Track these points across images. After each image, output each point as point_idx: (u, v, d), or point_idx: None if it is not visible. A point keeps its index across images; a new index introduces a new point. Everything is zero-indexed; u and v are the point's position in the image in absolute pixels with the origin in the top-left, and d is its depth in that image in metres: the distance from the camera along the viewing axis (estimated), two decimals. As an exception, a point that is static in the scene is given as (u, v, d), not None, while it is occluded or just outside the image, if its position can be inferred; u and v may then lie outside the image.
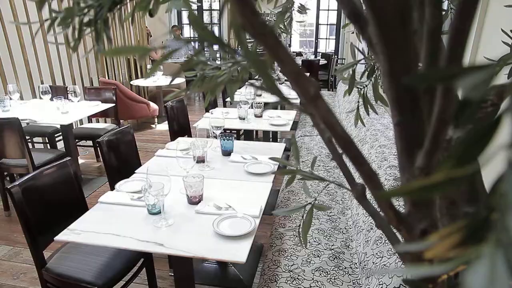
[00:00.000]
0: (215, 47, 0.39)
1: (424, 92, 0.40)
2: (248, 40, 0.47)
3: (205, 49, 0.46)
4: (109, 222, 1.65)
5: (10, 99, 3.67)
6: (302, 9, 1.28)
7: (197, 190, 1.73)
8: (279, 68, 0.39)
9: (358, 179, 0.53)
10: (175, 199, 1.78)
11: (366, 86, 0.91)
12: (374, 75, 0.90)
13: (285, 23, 1.17)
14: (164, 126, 5.98)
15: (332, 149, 0.63)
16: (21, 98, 4.11)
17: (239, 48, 0.44)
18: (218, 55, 0.50)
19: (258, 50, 0.51)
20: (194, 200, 1.75)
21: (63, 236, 1.56)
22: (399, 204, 1.48)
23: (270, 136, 3.92)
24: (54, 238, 1.56)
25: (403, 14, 0.38)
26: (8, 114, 3.35)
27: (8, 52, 4.15)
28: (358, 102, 0.97)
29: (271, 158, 0.75)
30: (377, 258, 1.53)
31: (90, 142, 4.47)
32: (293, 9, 1.27)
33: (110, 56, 6.27)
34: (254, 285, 2.42)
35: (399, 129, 0.45)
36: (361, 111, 1.00)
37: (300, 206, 0.76)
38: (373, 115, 3.10)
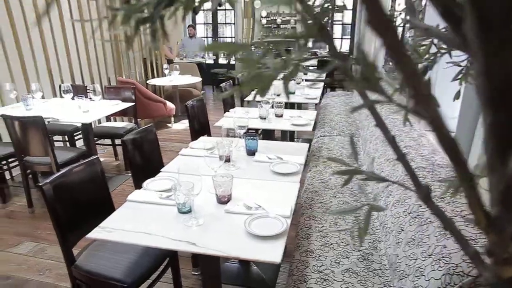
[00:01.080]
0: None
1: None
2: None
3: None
4: (139, 221, 1.65)
5: (33, 98, 3.71)
6: (340, 8, 1.27)
7: (226, 190, 1.73)
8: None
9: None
10: (204, 198, 1.78)
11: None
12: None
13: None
14: (180, 125, 6.01)
15: (396, 149, 0.62)
16: (43, 97, 4.16)
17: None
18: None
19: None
20: (223, 200, 1.75)
21: (95, 233, 1.56)
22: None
23: (288, 136, 3.91)
24: (87, 236, 1.57)
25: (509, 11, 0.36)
26: (31, 112, 3.39)
27: (30, 52, 4.21)
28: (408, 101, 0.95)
29: (329, 159, 0.74)
30: (410, 260, 1.51)
31: (108, 141, 4.51)
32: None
33: (208, 51, 6.33)
34: (277, 285, 2.41)
35: (491, 129, 0.44)
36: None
37: (356, 207, 0.75)
38: (395, 115, 3.07)
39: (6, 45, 3.89)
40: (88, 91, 4.41)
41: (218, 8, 9.82)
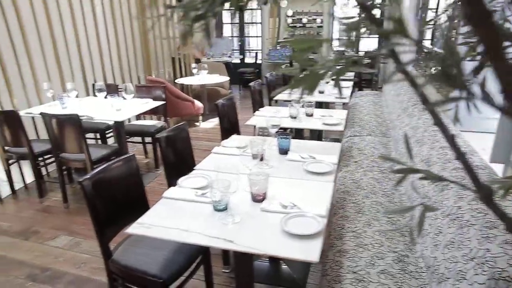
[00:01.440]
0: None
1: None
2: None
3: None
4: (175, 217, 1.68)
5: (68, 96, 3.82)
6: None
7: (262, 188, 1.74)
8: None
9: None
10: (239, 196, 1.79)
11: (472, 83, 0.87)
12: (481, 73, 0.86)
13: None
14: (208, 124, 6.07)
15: (455, 148, 0.61)
16: (77, 96, 4.27)
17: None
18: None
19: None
20: (258, 198, 1.75)
21: (134, 229, 1.60)
22: None
23: (316, 135, 3.89)
24: (126, 231, 1.61)
25: None
26: (66, 111, 3.50)
27: (66, 52, 4.33)
28: (458, 101, 0.93)
29: (381, 157, 0.73)
30: (450, 263, 1.48)
31: (138, 139, 4.59)
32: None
33: (291, 46, 6.39)
34: (308, 285, 2.40)
35: None
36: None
37: (411, 206, 0.74)
38: (428, 115, 3.01)
39: (44, 46, 4.02)
40: (120, 90, 4.51)
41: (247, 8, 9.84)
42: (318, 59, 0.59)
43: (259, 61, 9.35)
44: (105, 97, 3.85)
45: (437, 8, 4.66)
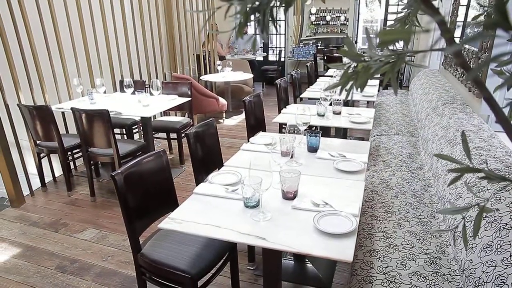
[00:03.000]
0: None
1: None
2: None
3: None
4: (206, 213, 1.68)
5: (97, 92, 3.89)
6: None
7: (293, 186, 1.72)
8: None
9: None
10: (269, 193, 1.77)
11: None
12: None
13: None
14: (231, 121, 6.08)
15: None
16: (105, 91, 4.35)
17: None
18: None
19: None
20: (289, 196, 1.74)
21: (166, 224, 1.61)
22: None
23: (341, 133, 3.85)
24: (158, 226, 1.61)
25: None
26: (95, 106, 3.56)
27: (95, 48, 4.40)
28: None
29: (437, 155, 0.71)
30: (488, 267, 1.43)
31: (163, 135, 4.63)
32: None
33: (381, 38, 6.38)
34: (334, 285, 2.38)
35: None
36: (446, 108, 0.92)
37: (466, 206, 0.71)
38: (460, 114, 2.93)
39: (75, 43, 4.09)
40: (147, 86, 4.56)
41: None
42: (368, 56, 0.58)
43: (282, 59, 9.31)
44: (133, 93, 3.89)
45: None
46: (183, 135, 4.12)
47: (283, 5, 0.67)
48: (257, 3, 0.67)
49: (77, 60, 4.15)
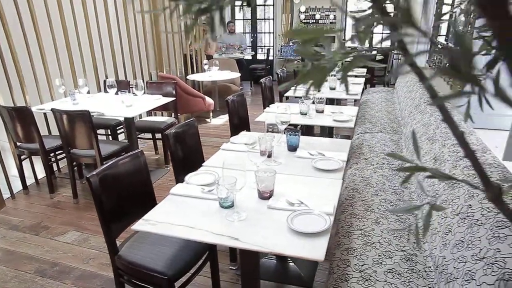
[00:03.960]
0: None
1: None
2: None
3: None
4: (182, 214, 1.67)
5: (79, 92, 3.85)
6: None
7: (269, 185, 1.71)
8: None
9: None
10: (245, 193, 1.77)
11: (485, 78, 0.84)
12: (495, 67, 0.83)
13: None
14: (219, 121, 6.06)
15: (465, 146, 0.58)
16: (88, 92, 4.30)
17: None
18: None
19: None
20: (265, 195, 1.73)
21: (140, 226, 1.59)
22: None
23: (327, 132, 3.85)
24: (132, 227, 1.60)
25: None
26: (78, 107, 3.52)
27: (78, 48, 4.36)
28: (469, 97, 0.89)
29: (388, 155, 0.70)
30: (459, 263, 1.44)
31: (148, 135, 4.60)
32: None
33: (289, 38, 6.36)
34: (315, 283, 2.38)
35: None
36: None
37: (417, 205, 0.71)
38: (438, 112, 2.95)
39: (57, 42, 4.04)
40: (131, 86, 4.53)
41: (257, 3, 9.81)
42: (326, 54, 0.57)
43: (270, 58, 9.31)
44: (116, 93, 3.86)
45: (452, 3, 4.57)
46: (167, 135, 4.10)
47: (244, 3, 0.66)
48: (204, 4, 0.66)
49: (59, 60, 4.10)
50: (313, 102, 3.14)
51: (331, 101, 4.40)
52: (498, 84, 0.87)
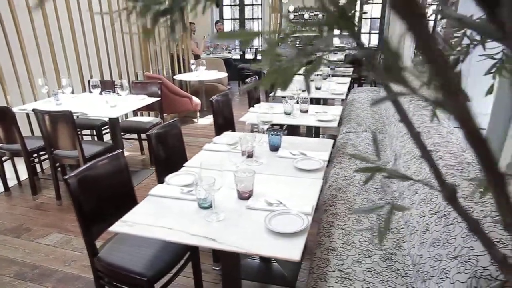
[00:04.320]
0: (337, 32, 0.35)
1: None
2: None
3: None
4: (160, 215, 1.66)
5: (63, 93, 3.81)
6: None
7: (248, 186, 1.71)
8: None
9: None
10: (225, 193, 1.77)
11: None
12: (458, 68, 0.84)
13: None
14: (206, 121, 6.04)
15: (421, 146, 0.58)
16: (72, 92, 4.26)
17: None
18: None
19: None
20: (244, 195, 1.73)
21: (117, 227, 1.58)
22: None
23: (313, 132, 3.86)
24: (109, 229, 1.59)
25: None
26: (61, 107, 3.48)
27: (62, 48, 4.31)
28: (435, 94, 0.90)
29: (351, 155, 0.71)
30: (435, 261, 1.45)
31: (134, 135, 4.57)
32: None
33: (221, 39, 6.30)
34: (298, 282, 2.38)
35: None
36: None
37: (379, 205, 0.71)
38: (424, 111, 2.97)
39: (39, 41, 3.99)
40: (116, 86, 4.49)
41: (246, 3, 9.81)
42: (288, 55, 0.57)
43: (259, 57, 9.31)
44: (100, 94, 3.83)
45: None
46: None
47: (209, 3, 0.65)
48: (162, 7, 0.65)
49: (42, 59, 4.06)
50: (297, 102, 3.15)
51: (317, 101, 4.41)
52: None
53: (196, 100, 5.78)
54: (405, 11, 0.28)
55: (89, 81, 4.29)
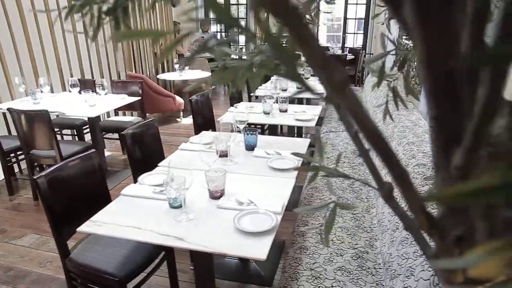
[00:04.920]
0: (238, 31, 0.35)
1: (466, 82, 0.35)
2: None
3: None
4: (130, 215, 1.65)
5: (41, 92, 3.75)
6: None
7: (219, 185, 1.71)
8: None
9: (385, 176, 0.48)
10: (197, 193, 1.76)
11: (397, 78, 0.86)
12: (405, 67, 0.84)
13: (312, 13, 1.10)
14: (189, 120, 6.01)
15: (358, 145, 0.59)
16: (52, 91, 4.20)
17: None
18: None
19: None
20: (216, 195, 1.73)
21: (85, 227, 1.57)
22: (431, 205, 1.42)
23: (295, 132, 3.87)
24: (77, 229, 1.57)
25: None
26: (39, 106, 3.43)
27: (40, 47, 4.25)
28: (387, 96, 0.91)
29: (293, 154, 0.71)
30: (403, 259, 1.47)
31: (116, 135, 4.53)
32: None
33: (124, 40, 6.26)
34: (275, 282, 2.39)
35: (436, 123, 0.40)
36: (390, 105, 0.94)
37: (323, 204, 0.72)
38: (402, 111, 3.00)
39: (16, 38, 3.93)
40: (96, 85, 4.44)
41: (231, 2, 9.77)
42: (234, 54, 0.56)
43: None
44: (79, 93, 3.78)
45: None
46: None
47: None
48: (106, 7, 0.65)
49: (19, 58, 3.99)
50: (276, 101, 3.15)
51: (299, 101, 4.43)
52: (409, 84, 0.88)
53: (179, 99, 5.75)
54: (276, 8, 0.28)
55: (68, 80, 4.24)
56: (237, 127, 2.33)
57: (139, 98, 4.09)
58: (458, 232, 0.41)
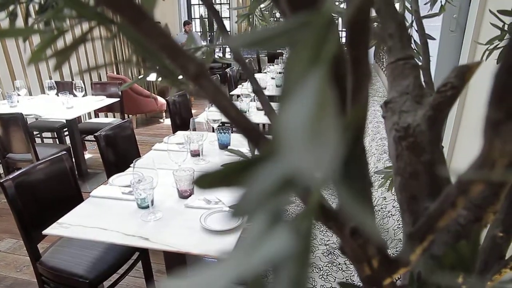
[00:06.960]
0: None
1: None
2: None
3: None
4: (98, 216, 1.64)
5: (18, 94, 3.71)
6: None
7: (187, 184, 1.71)
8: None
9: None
10: (167, 193, 1.76)
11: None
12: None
13: (263, 11, 1.11)
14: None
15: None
16: (30, 93, 4.16)
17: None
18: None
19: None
20: (185, 194, 1.73)
21: (52, 230, 1.56)
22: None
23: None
24: (43, 232, 1.56)
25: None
26: (15, 109, 3.39)
27: (16, 48, 4.20)
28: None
29: (229, 150, 0.72)
30: (369, 253, 1.49)
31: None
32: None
33: (6, 37, 6.23)
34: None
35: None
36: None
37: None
38: (377, 107, 3.03)
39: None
40: (76, 87, 4.40)
41: (214, 2, 9.75)
42: None
43: (228, 56, 9.30)
44: (57, 95, 3.75)
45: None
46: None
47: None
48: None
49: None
50: (253, 100, 3.16)
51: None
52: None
53: (161, 100, 5.73)
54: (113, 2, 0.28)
55: (46, 82, 4.19)
56: (211, 126, 2.33)
57: (118, 99, 4.07)
58: (353, 225, 0.42)
